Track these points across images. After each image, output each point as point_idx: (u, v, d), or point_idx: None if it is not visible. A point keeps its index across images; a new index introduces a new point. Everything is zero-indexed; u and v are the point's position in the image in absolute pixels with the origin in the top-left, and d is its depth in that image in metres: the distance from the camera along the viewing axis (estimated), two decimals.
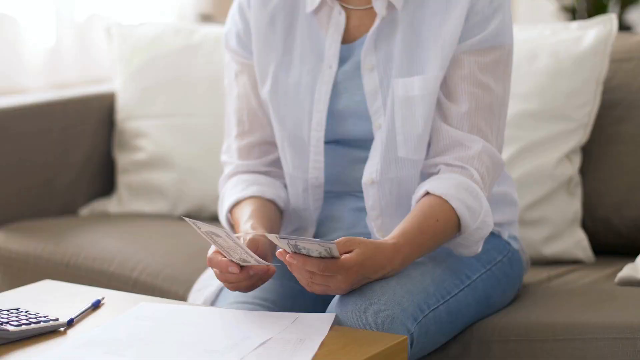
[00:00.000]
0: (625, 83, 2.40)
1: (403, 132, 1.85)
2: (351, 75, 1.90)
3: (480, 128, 1.84)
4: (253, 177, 1.97)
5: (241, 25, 1.97)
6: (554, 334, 1.84)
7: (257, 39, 1.94)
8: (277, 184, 1.97)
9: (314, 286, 1.65)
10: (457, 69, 1.85)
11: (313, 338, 1.56)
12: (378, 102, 1.87)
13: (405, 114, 1.85)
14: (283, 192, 1.97)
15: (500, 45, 1.86)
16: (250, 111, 1.99)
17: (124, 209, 2.75)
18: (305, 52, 1.92)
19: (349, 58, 1.90)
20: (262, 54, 1.94)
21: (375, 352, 1.52)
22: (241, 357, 1.49)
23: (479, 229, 1.80)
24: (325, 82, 1.90)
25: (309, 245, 1.57)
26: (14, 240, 2.52)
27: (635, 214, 2.33)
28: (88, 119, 2.81)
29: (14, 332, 1.56)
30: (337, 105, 1.91)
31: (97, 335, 1.59)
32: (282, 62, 1.93)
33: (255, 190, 1.92)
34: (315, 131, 1.91)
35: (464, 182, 1.80)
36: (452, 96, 1.86)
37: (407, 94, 1.85)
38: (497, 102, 1.86)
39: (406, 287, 1.72)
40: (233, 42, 1.99)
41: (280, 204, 1.95)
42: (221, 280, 1.72)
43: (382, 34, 1.87)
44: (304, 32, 1.92)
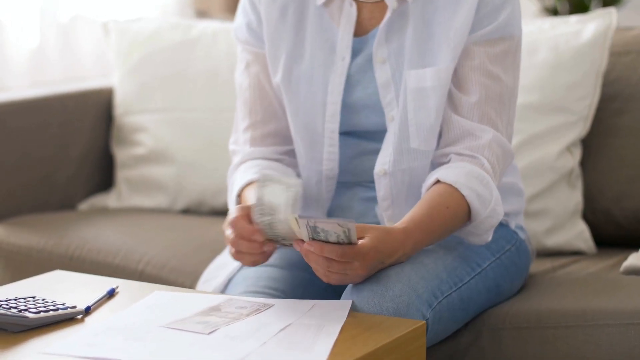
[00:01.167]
0: (624, 76, 2.42)
1: (416, 123, 1.86)
2: (363, 68, 1.91)
3: (491, 118, 1.86)
4: (266, 162, 1.96)
5: (253, 16, 1.97)
6: (565, 320, 1.85)
7: (269, 30, 1.95)
8: (290, 172, 1.97)
9: (332, 275, 1.65)
10: (467, 60, 1.87)
11: (332, 324, 1.57)
12: (390, 94, 1.88)
13: (417, 105, 1.86)
14: (295, 178, 1.96)
15: (509, 36, 1.88)
16: (264, 101, 1.99)
17: (123, 204, 2.75)
18: (316, 44, 1.92)
19: (361, 51, 1.91)
20: (273, 45, 1.94)
21: (394, 337, 1.53)
22: (262, 343, 1.49)
23: (490, 217, 1.81)
24: (339, 74, 1.91)
25: (328, 226, 1.57)
26: (15, 234, 2.51)
27: (635, 205, 2.35)
28: (86, 114, 2.80)
29: (33, 319, 1.55)
30: (350, 97, 1.91)
31: (116, 322, 1.59)
32: (294, 54, 1.93)
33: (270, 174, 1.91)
34: (329, 123, 1.92)
35: (474, 170, 1.81)
36: (462, 86, 1.87)
37: (419, 85, 1.86)
38: (507, 92, 1.88)
39: (420, 273, 1.73)
40: (244, 33, 1.99)
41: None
42: (233, 245, 1.69)
43: (393, 26, 1.88)
44: (314, 25, 1.93)
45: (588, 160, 2.41)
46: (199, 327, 1.55)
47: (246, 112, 2.00)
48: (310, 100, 1.93)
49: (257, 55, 1.98)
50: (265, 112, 1.99)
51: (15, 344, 1.51)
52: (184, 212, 2.72)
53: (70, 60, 3.32)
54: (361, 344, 1.50)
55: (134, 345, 1.49)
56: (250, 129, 2.00)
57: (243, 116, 2.01)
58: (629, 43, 2.46)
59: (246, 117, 2.00)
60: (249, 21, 1.98)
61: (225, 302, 1.67)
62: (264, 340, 1.50)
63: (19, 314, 1.55)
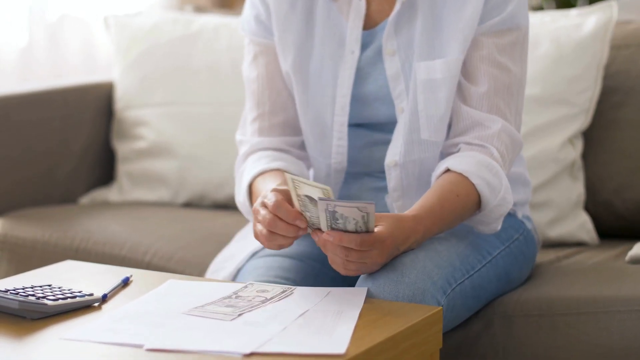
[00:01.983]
0: (624, 69, 2.43)
1: (426, 114, 1.87)
2: (373, 60, 1.92)
3: (500, 108, 1.87)
4: (277, 153, 1.96)
5: (262, 8, 1.97)
6: (577, 307, 1.87)
7: (278, 21, 1.95)
8: (301, 164, 1.97)
9: (350, 265, 1.65)
10: (475, 51, 1.88)
11: (350, 310, 1.58)
12: (400, 86, 1.89)
13: (427, 97, 1.87)
14: (306, 170, 1.98)
15: (517, 26, 1.89)
16: (272, 92, 1.99)
17: (125, 198, 2.74)
18: (325, 37, 1.93)
19: (370, 43, 1.92)
20: (282, 36, 1.95)
21: (413, 323, 1.54)
22: (283, 328, 1.50)
23: (499, 206, 1.82)
24: (348, 67, 1.92)
25: (347, 211, 1.57)
26: (19, 227, 2.51)
27: (637, 196, 2.37)
28: (87, 109, 2.80)
29: (52, 306, 1.55)
30: (361, 90, 1.92)
31: (133, 309, 1.59)
32: (304, 47, 1.94)
33: (281, 165, 1.91)
34: (338, 116, 1.93)
35: (484, 159, 1.82)
36: (471, 77, 1.88)
37: (429, 77, 1.87)
38: (515, 82, 1.89)
39: (434, 261, 1.74)
40: (252, 25, 1.99)
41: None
42: (270, 226, 1.65)
43: (402, 18, 1.89)
44: (323, 18, 1.93)
45: (589, 153, 2.42)
46: (219, 313, 1.56)
47: (254, 103, 2.00)
48: (319, 93, 1.94)
49: (265, 47, 1.98)
50: (273, 103, 1.99)
51: (35, 331, 1.51)
52: (186, 205, 2.72)
53: (58, 58, 3.32)
54: (380, 329, 1.50)
55: (155, 331, 1.49)
56: (259, 120, 2.00)
57: (251, 107, 2.01)
58: (628, 36, 2.48)
59: (254, 109, 2.00)
60: (258, 13, 1.98)
61: (243, 289, 1.67)
62: (284, 325, 1.50)
63: (37, 301, 1.55)
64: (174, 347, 1.42)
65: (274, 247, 1.69)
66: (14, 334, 1.50)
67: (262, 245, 2.00)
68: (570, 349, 1.86)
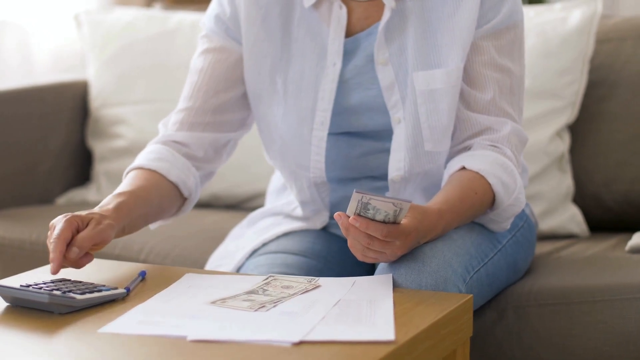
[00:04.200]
0: (607, 63, 2.46)
1: (429, 125, 1.83)
2: (363, 69, 1.87)
3: (505, 110, 1.85)
4: (170, 153, 1.88)
5: (228, 9, 1.91)
6: (592, 295, 1.87)
7: (250, 30, 1.89)
8: (191, 171, 1.89)
9: (369, 252, 1.63)
10: (476, 56, 1.84)
11: (383, 298, 1.56)
12: (395, 96, 1.85)
13: (429, 108, 1.83)
14: (192, 180, 1.88)
15: (514, 24, 1.86)
16: (209, 90, 1.92)
17: (104, 197, 2.68)
18: (305, 47, 1.87)
19: (355, 50, 1.87)
20: (255, 47, 1.89)
21: (449, 310, 1.52)
22: (322, 317, 1.47)
23: (512, 206, 1.82)
24: (330, 80, 1.86)
25: (381, 205, 1.56)
26: (4, 227, 2.44)
27: (624, 188, 2.39)
28: (62, 107, 2.74)
29: (80, 300, 1.51)
30: (350, 100, 1.87)
31: (160, 302, 1.55)
32: (280, 58, 1.88)
33: (161, 167, 1.84)
34: (317, 130, 1.87)
35: (498, 158, 1.81)
36: (474, 84, 1.85)
37: (429, 87, 1.83)
38: (517, 81, 1.87)
39: (452, 249, 1.72)
40: (212, 23, 1.93)
41: (184, 191, 1.87)
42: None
43: (392, 26, 1.84)
44: (302, 28, 1.87)
45: (575, 146, 2.44)
46: (255, 302, 1.53)
47: (188, 94, 1.93)
48: (297, 106, 1.88)
49: (220, 46, 1.92)
50: (206, 102, 1.92)
51: (66, 325, 1.46)
52: None
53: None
54: (419, 316, 1.49)
55: (190, 322, 1.45)
56: (184, 113, 1.92)
57: (184, 97, 1.94)
58: (610, 30, 2.50)
59: (186, 100, 1.93)
60: (221, 13, 1.91)
61: (266, 282, 1.64)
62: (322, 315, 1.48)
63: (66, 295, 1.50)
64: (219, 338, 1.39)
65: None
66: (46, 330, 1.45)
67: (263, 242, 1.98)
68: (586, 337, 1.86)
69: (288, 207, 2.04)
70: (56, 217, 1.66)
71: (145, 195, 1.79)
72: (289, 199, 2.05)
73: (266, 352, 1.34)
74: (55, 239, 1.61)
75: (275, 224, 2.04)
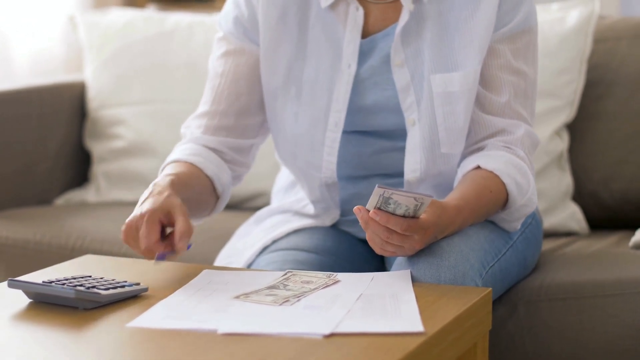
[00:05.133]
0: (604, 63, 2.48)
1: (445, 128, 1.85)
2: (379, 70, 1.87)
3: (520, 113, 1.87)
4: (204, 150, 1.89)
5: (246, 11, 1.91)
6: (603, 289, 1.89)
7: (267, 30, 1.89)
8: (224, 168, 1.90)
9: (387, 246, 1.64)
10: (492, 59, 1.85)
11: (405, 292, 1.57)
12: (410, 97, 1.86)
13: (446, 110, 1.84)
14: (226, 177, 1.89)
15: (529, 28, 1.88)
16: (232, 94, 1.92)
17: (103, 198, 2.69)
18: (320, 48, 1.88)
19: (371, 51, 1.88)
20: (271, 47, 1.89)
21: (472, 303, 1.54)
22: (347, 310, 1.48)
23: (525, 206, 1.84)
24: (345, 81, 1.87)
25: (403, 199, 1.57)
26: (6, 228, 2.43)
27: (623, 186, 2.41)
28: (60, 108, 2.73)
29: (105, 295, 1.51)
30: (365, 100, 1.88)
31: (183, 297, 1.56)
32: (296, 57, 1.89)
33: (197, 161, 1.85)
34: (331, 131, 1.88)
35: (512, 159, 1.83)
36: (490, 86, 1.86)
37: (446, 89, 1.84)
38: (530, 84, 1.89)
39: (468, 244, 1.74)
40: (230, 25, 1.93)
41: (218, 187, 1.88)
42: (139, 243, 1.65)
43: (410, 28, 1.85)
44: (318, 28, 1.88)
45: (574, 145, 2.46)
46: (279, 297, 1.54)
47: (210, 98, 1.93)
48: (311, 106, 1.89)
49: (240, 48, 1.92)
50: (230, 105, 1.92)
51: (93, 320, 1.46)
52: None
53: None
54: (443, 310, 1.50)
55: (217, 316, 1.46)
56: (208, 117, 1.93)
57: (205, 101, 1.94)
58: (606, 30, 2.53)
59: (208, 103, 1.93)
60: (239, 14, 1.91)
61: (285, 277, 1.65)
62: (347, 308, 1.49)
63: (90, 290, 1.50)
64: (249, 331, 1.39)
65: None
66: (73, 325, 1.45)
67: (273, 239, 1.98)
68: (598, 331, 1.88)
69: (297, 205, 2.05)
70: (130, 216, 1.66)
71: (187, 180, 1.80)
72: (298, 197, 2.06)
73: (298, 345, 1.35)
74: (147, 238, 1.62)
75: (284, 221, 2.04)
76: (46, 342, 1.40)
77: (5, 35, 3.18)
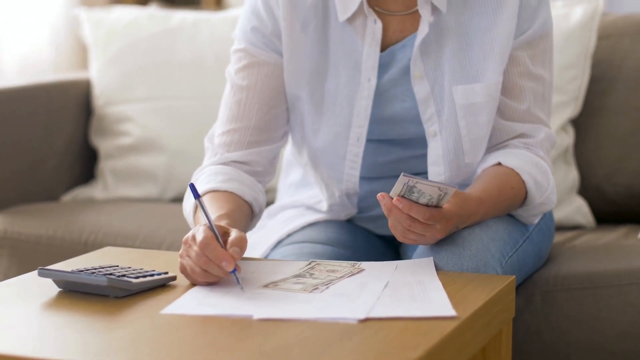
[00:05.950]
0: (606, 59, 2.51)
1: (470, 139, 1.86)
2: (398, 82, 1.88)
3: (539, 117, 1.90)
4: (237, 173, 1.86)
5: (269, 23, 1.88)
6: (619, 279, 1.92)
7: (289, 42, 1.88)
8: (258, 188, 1.88)
9: (409, 234, 1.66)
10: (512, 67, 1.87)
11: (430, 280, 1.59)
12: (431, 109, 1.86)
13: (469, 121, 1.86)
14: (262, 197, 1.89)
15: (546, 33, 1.90)
16: (263, 106, 1.89)
17: (110, 195, 2.69)
18: (340, 61, 1.87)
19: (390, 63, 1.88)
20: (294, 59, 1.88)
21: (498, 290, 1.56)
22: (377, 297, 1.49)
23: (543, 204, 1.86)
24: (365, 96, 1.87)
25: (427, 189, 1.59)
26: (19, 223, 2.44)
27: (627, 181, 2.44)
28: (67, 105, 2.74)
29: (136, 284, 1.52)
30: (385, 111, 1.89)
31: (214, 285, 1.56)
32: (317, 71, 1.89)
33: (235, 187, 1.82)
34: (353, 146, 1.89)
35: (533, 158, 1.86)
36: (510, 94, 1.88)
37: (469, 101, 1.85)
38: (548, 87, 1.91)
39: (488, 234, 1.76)
40: (250, 37, 1.90)
41: (255, 209, 1.88)
42: (203, 265, 1.53)
43: (429, 40, 1.85)
44: (337, 41, 1.87)
45: (578, 140, 2.49)
46: (308, 285, 1.55)
47: (239, 112, 1.89)
48: (332, 120, 1.89)
49: (263, 61, 1.89)
50: (260, 119, 1.89)
51: (126, 308, 1.47)
52: (175, 201, 2.68)
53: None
54: (471, 296, 1.52)
55: (250, 303, 1.47)
56: (239, 132, 1.89)
57: (232, 116, 1.90)
58: (608, 27, 2.55)
59: (237, 118, 1.89)
60: (260, 25, 1.89)
61: (309, 266, 1.66)
62: (376, 295, 1.50)
63: (122, 278, 1.51)
64: (285, 316, 1.41)
65: (202, 283, 1.57)
66: (107, 312, 1.46)
67: (288, 233, 1.99)
68: (614, 319, 1.91)
69: (310, 201, 2.06)
70: (188, 234, 1.59)
71: (236, 216, 1.76)
72: (311, 193, 2.07)
73: (335, 329, 1.36)
74: (207, 245, 1.54)
75: (298, 215, 2.05)
76: (82, 329, 1.40)
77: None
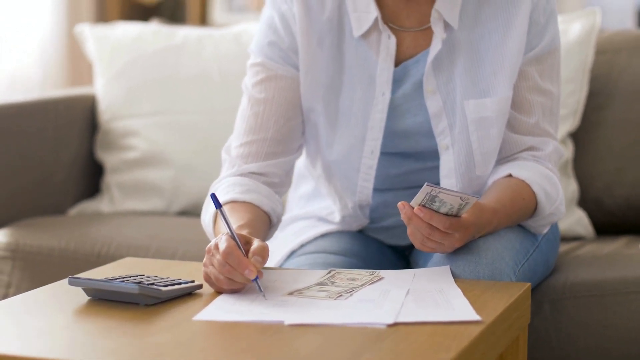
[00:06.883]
0: (603, 74, 2.56)
1: (481, 152, 1.91)
2: (411, 96, 1.92)
3: (547, 130, 1.95)
4: (255, 184, 1.90)
5: (286, 37, 1.93)
6: (625, 287, 1.97)
7: (306, 57, 1.92)
8: (275, 199, 1.92)
9: (429, 243, 1.71)
10: (521, 81, 1.92)
11: (449, 287, 1.63)
12: (443, 123, 1.91)
13: (481, 135, 1.90)
14: (280, 207, 1.93)
15: (555, 48, 1.94)
16: (280, 118, 1.93)
17: (116, 209, 2.72)
18: (354, 76, 1.92)
19: (403, 78, 1.92)
20: (310, 73, 1.92)
21: (516, 297, 1.60)
22: (400, 304, 1.54)
23: (552, 215, 1.91)
24: (380, 110, 1.91)
25: (449, 198, 1.63)
26: (30, 236, 2.45)
27: (626, 193, 2.49)
28: (73, 120, 2.77)
29: (165, 292, 1.56)
30: (398, 125, 1.93)
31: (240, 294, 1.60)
32: (332, 85, 1.93)
33: (254, 198, 1.86)
34: (367, 159, 1.93)
35: (543, 170, 1.91)
36: (520, 108, 1.93)
37: (480, 115, 1.90)
38: (556, 101, 1.96)
39: (502, 243, 1.81)
40: (267, 51, 1.94)
41: (274, 219, 1.92)
42: (227, 274, 1.57)
43: (441, 56, 1.90)
44: (352, 56, 1.92)
45: (577, 153, 2.54)
46: (333, 293, 1.59)
47: (256, 124, 1.93)
48: (347, 134, 1.93)
49: (280, 75, 1.93)
50: (278, 130, 1.93)
51: (157, 315, 1.51)
52: (181, 214, 2.72)
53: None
54: (491, 302, 1.56)
55: (278, 309, 1.51)
56: (256, 144, 1.93)
57: (246, 130, 1.94)
58: (604, 43, 2.61)
59: (255, 131, 1.93)
60: (277, 40, 1.93)
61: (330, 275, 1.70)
62: (399, 302, 1.54)
63: (152, 286, 1.55)
64: (316, 322, 1.45)
65: (226, 291, 1.61)
66: (140, 319, 1.49)
67: (301, 243, 2.03)
68: (621, 326, 1.96)
69: (322, 212, 2.09)
70: (210, 243, 1.64)
71: (257, 225, 1.80)
72: (322, 205, 2.10)
73: (364, 334, 1.41)
74: (230, 253, 1.58)
75: (310, 226, 2.09)
76: (115, 336, 1.43)
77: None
